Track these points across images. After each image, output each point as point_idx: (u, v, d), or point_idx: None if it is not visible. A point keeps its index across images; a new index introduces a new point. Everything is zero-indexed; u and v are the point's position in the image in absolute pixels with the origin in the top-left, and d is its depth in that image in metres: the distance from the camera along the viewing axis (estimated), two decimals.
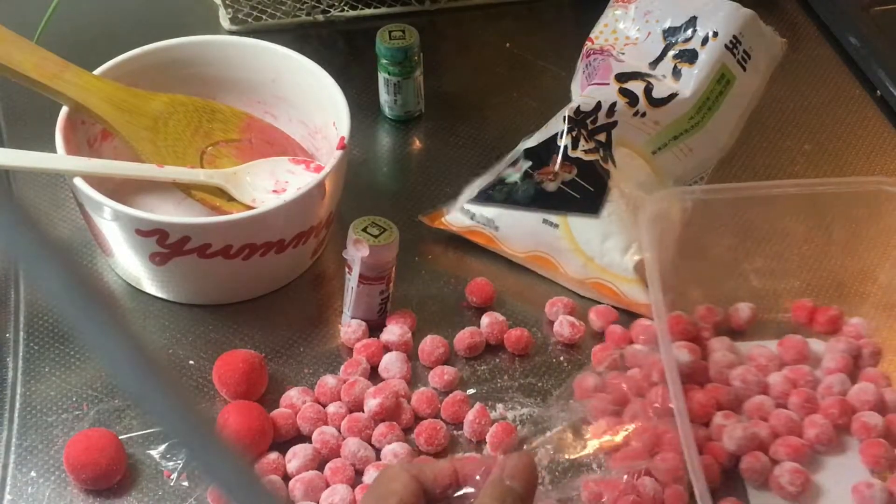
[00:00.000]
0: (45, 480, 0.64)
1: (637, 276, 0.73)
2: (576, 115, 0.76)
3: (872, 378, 0.69)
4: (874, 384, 0.68)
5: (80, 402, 0.68)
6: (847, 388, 0.68)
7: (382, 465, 0.64)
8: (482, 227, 0.76)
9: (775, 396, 0.68)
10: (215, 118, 0.77)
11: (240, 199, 0.73)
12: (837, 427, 0.66)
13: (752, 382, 0.68)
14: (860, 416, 0.67)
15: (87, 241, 0.76)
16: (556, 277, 0.76)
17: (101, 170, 0.71)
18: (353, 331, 0.71)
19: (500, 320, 0.72)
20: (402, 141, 0.87)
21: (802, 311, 0.73)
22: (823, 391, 0.68)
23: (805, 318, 0.73)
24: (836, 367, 0.69)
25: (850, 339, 0.71)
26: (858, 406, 0.67)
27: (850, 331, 0.72)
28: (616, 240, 0.73)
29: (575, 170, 0.74)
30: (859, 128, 0.89)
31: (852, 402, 0.67)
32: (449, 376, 0.69)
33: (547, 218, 0.74)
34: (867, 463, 0.65)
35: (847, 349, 0.70)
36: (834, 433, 0.66)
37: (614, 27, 0.82)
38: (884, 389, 0.68)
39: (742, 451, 0.64)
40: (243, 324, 0.73)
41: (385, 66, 0.84)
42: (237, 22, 0.94)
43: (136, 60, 0.77)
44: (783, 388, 0.68)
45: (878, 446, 0.65)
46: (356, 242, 0.67)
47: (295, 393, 0.68)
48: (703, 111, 0.78)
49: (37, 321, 0.72)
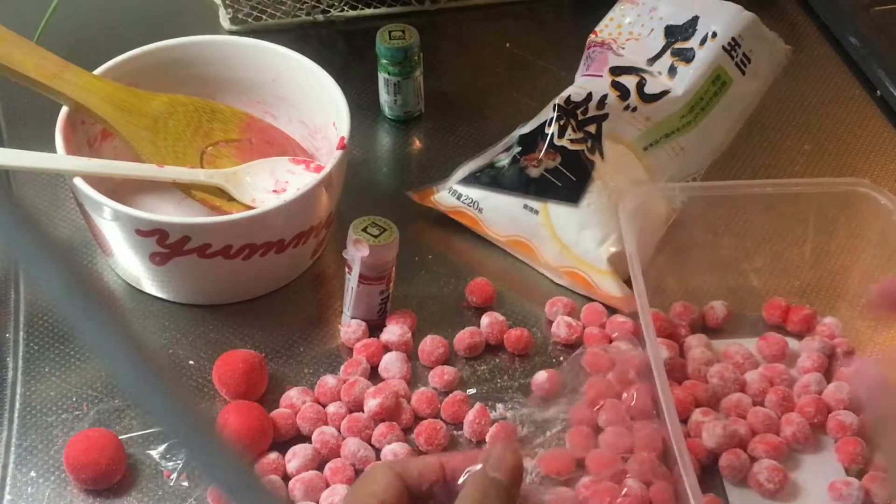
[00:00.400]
0: (45, 480, 0.64)
1: (611, 268, 0.73)
2: (566, 105, 0.76)
3: (846, 377, 0.70)
4: (848, 383, 0.69)
5: (80, 402, 0.68)
6: (823, 388, 0.69)
7: None
8: (467, 207, 0.77)
9: (752, 394, 0.68)
10: (215, 118, 0.77)
11: (240, 199, 0.73)
12: (813, 426, 0.67)
13: (729, 380, 0.68)
14: (836, 415, 0.67)
15: (87, 241, 0.76)
16: (534, 263, 0.77)
17: (101, 170, 0.71)
18: (352, 331, 0.71)
19: (500, 320, 0.72)
20: (402, 141, 0.87)
21: (776, 310, 0.73)
22: (800, 390, 0.69)
23: (779, 317, 0.73)
24: (812, 367, 0.70)
25: (825, 339, 0.71)
26: (833, 405, 0.68)
27: (824, 330, 0.72)
28: (593, 230, 0.73)
29: (559, 158, 0.74)
30: (859, 128, 0.89)
31: (827, 401, 0.68)
32: (449, 376, 0.69)
33: (528, 203, 0.75)
34: (843, 461, 0.66)
35: (821, 348, 0.71)
36: (810, 431, 0.66)
37: (619, 21, 0.82)
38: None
39: (721, 449, 0.65)
40: (243, 324, 0.73)
41: (385, 66, 0.84)
42: (237, 22, 0.94)
43: (136, 60, 0.77)
44: (760, 385, 0.68)
45: (854, 444, 0.65)
46: (356, 242, 0.67)
47: (295, 393, 0.68)
48: (696, 111, 0.78)
49: (37, 321, 0.72)
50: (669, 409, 0.59)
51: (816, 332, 0.72)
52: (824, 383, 0.69)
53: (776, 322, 0.73)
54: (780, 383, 0.69)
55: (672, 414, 0.59)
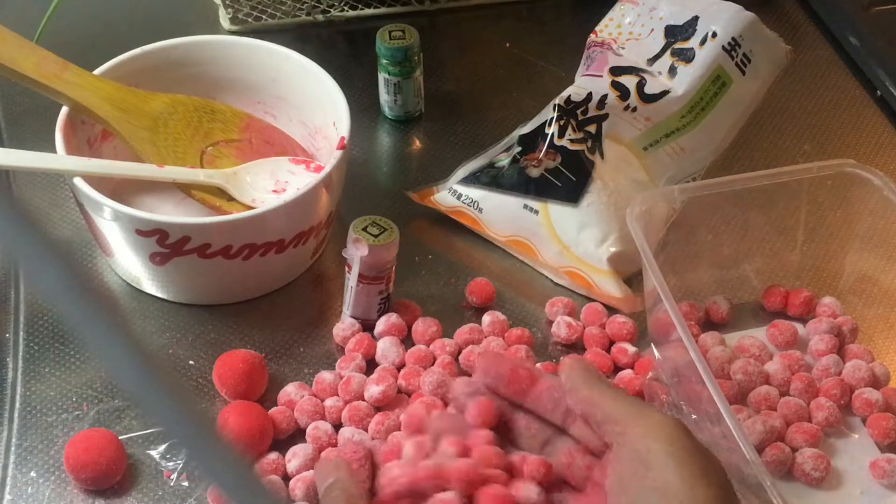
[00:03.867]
0: (45, 480, 0.64)
1: (611, 268, 0.73)
2: (566, 105, 0.76)
3: (858, 354, 0.70)
4: (864, 360, 0.70)
5: (80, 402, 0.68)
6: (841, 369, 0.69)
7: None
8: (467, 207, 0.77)
9: (777, 385, 0.68)
10: (215, 118, 0.77)
11: (240, 199, 0.73)
12: (840, 407, 0.67)
13: (753, 374, 0.68)
14: (860, 394, 0.68)
15: (87, 241, 0.76)
16: (534, 263, 0.77)
17: (101, 170, 0.71)
18: (344, 328, 0.71)
19: (501, 319, 0.72)
20: (402, 141, 0.87)
21: (775, 296, 0.74)
22: (819, 373, 0.69)
23: (779, 303, 0.74)
24: (825, 349, 0.70)
25: (830, 320, 0.72)
26: (855, 384, 0.68)
27: (825, 311, 0.73)
28: (593, 230, 0.73)
29: (559, 158, 0.74)
30: (859, 128, 0.89)
31: (849, 381, 0.68)
32: (433, 333, 0.71)
33: (528, 203, 0.75)
34: (877, 437, 0.66)
35: (829, 329, 0.71)
36: (840, 414, 0.67)
37: (619, 21, 0.82)
38: (871, 364, 0.70)
39: (764, 445, 0.64)
40: (243, 324, 0.73)
41: (385, 66, 0.84)
42: (237, 22, 0.94)
43: (136, 60, 0.77)
44: (784, 375, 0.69)
45: (886, 419, 0.66)
46: (356, 242, 0.67)
47: (292, 388, 0.68)
48: (696, 111, 0.78)
49: (37, 321, 0.72)
50: (724, 407, 0.57)
51: (818, 314, 0.73)
52: (842, 364, 0.70)
53: (777, 308, 0.74)
54: (799, 370, 0.69)
55: (727, 410, 0.57)
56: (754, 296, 0.75)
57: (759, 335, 0.72)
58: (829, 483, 0.65)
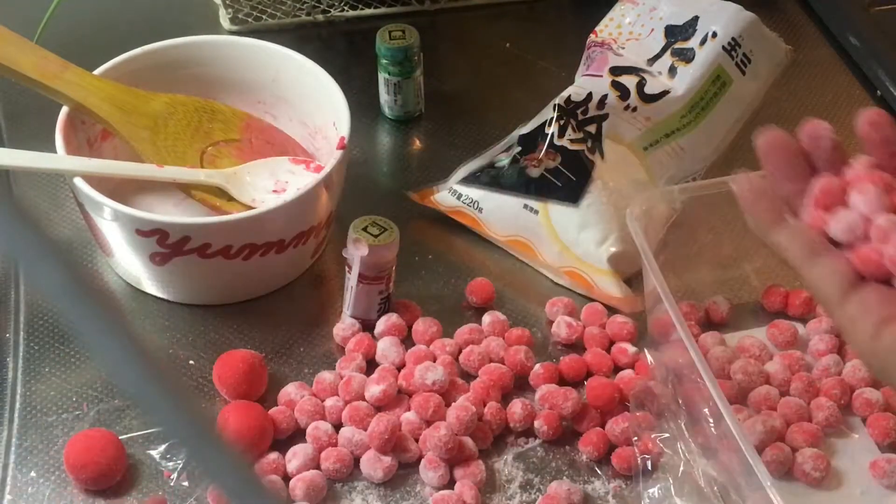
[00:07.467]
0: (45, 480, 0.64)
1: (611, 268, 0.73)
2: (566, 105, 0.76)
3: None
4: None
5: (80, 402, 0.68)
6: (841, 368, 0.69)
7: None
8: (467, 208, 0.77)
9: (777, 385, 0.68)
10: (215, 118, 0.77)
11: (240, 199, 0.73)
12: (840, 407, 0.67)
13: (753, 374, 0.68)
14: (860, 394, 0.68)
15: (87, 241, 0.76)
16: (534, 263, 0.77)
17: (101, 170, 0.71)
18: (344, 328, 0.71)
19: (502, 319, 0.72)
20: (402, 141, 0.87)
21: (776, 296, 0.74)
22: (820, 373, 0.69)
23: (779, 303, 0.74)
24: (826, 349, 0.70)
25: (830, 319, 0.72)
26: (855, 384, 0.68)
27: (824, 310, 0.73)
28: (593, 231, 0.73)
29: (559, 158, 0.74)
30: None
31: (849, 381, 0.68)
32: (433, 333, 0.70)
33: (528, 203, 0.75)
34: (877, 437, 0.66)
35: (829, 329, 0.71)
36: (840, 414, 0.67)
37: (620, 21, 0.82)
38: None
39: (764, 445, 0.64)
40: (243, 324, 0.73)
41: (385, 66, 0.84)
42: (237, 22, 0.94)
43: (136, 60, 0.77)
44: (784, 375, 0.69)
45: (886, 419, 0.66)
46: (356, 242, 0.67)
47: (292, 388, 0.68)
48: (696, 111, 0.78)
49: (37, 321, 0.72)
50: (724, 407, 0.57)
51: (818, 314, 0.73)
52: (842, 364, 0.70)
53: (777, 309, 0.74)
54: (799, 370, 0.69)
55: (728, 410, 0.57)
56: (754, 296, 0.75)
57: (759, 335, 0.72)
58: (829, 483, 0.65)
